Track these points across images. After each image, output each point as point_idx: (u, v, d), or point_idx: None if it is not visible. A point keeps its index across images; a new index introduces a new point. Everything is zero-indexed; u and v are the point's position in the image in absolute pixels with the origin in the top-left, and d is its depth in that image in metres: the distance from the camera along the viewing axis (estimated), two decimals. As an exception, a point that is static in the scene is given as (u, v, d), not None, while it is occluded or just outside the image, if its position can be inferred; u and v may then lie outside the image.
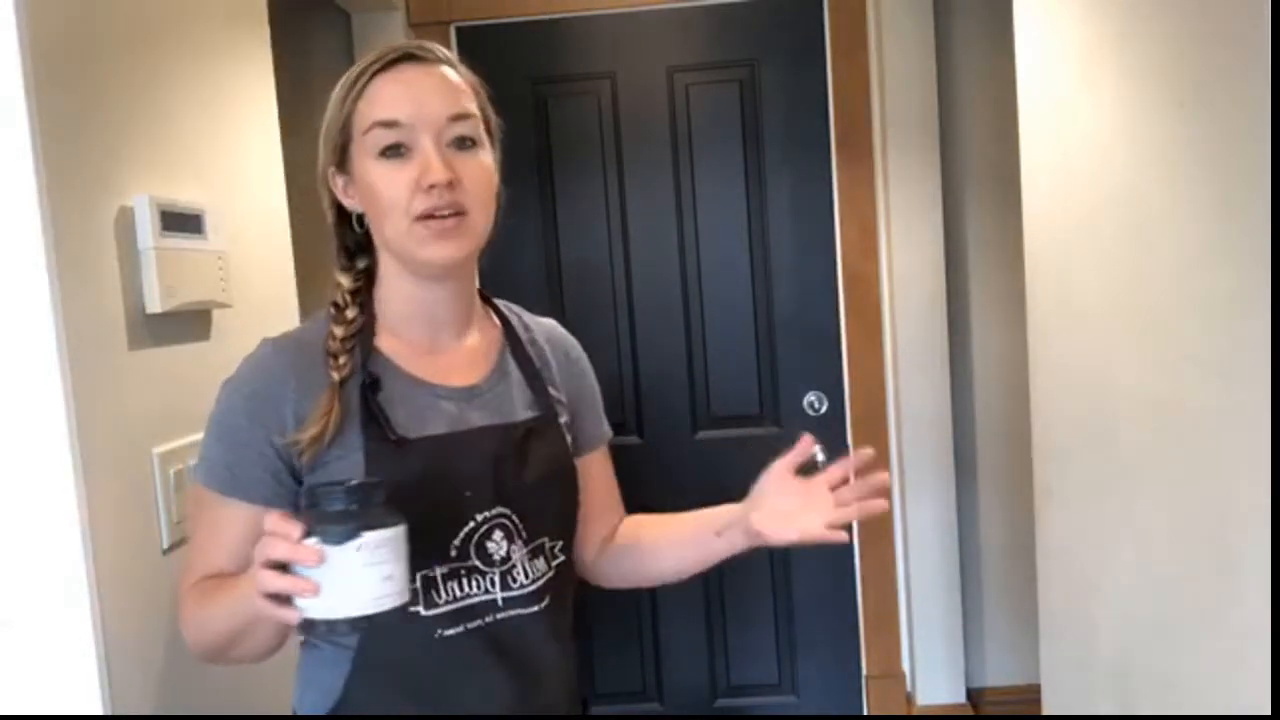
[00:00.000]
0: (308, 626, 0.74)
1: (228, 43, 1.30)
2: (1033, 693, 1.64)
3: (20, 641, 0.94)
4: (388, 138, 0.88)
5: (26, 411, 0.91)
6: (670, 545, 1.09)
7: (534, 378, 1.01)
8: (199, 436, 1.13)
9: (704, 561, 1.07)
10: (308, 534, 0.72)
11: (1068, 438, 1.39)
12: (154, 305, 1.06)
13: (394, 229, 0.89)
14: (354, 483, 0.75)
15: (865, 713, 2.42)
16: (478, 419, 0.95)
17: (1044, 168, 1.40)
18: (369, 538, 0.72)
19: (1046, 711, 1.53)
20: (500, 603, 0.92)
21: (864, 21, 2.25)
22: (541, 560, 0.96)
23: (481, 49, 2.30)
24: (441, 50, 0.94)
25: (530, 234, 2.33)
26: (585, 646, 2.40)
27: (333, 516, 0.72)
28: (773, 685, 2.44)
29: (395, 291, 0.95)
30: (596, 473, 1.10)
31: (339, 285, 0.96)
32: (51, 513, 0.92)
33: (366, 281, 0.96)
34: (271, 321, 1.38)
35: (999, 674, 2.43)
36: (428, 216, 0.88)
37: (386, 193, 0.88)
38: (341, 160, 0.93)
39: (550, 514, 0.98)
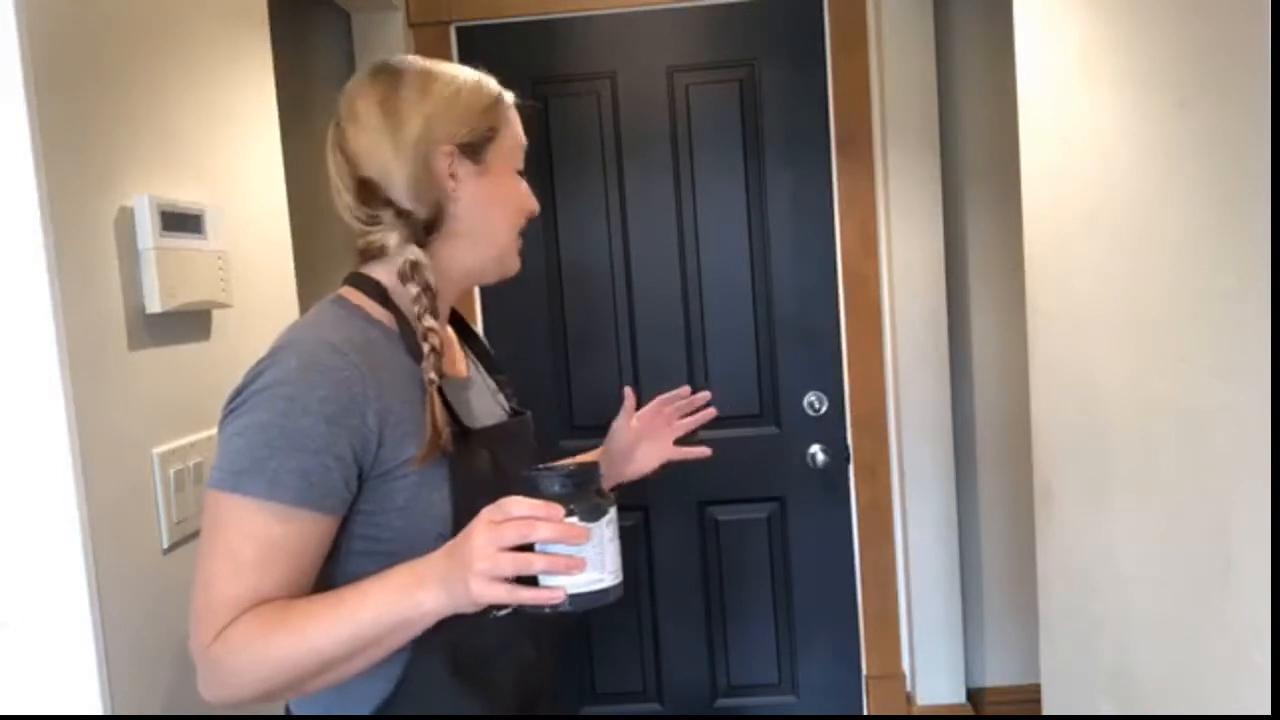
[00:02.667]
0: (556, 609, 0.75)
1: (228, 43, 1.30)
2: (1033, 693, 1.64)
3: (20, 641, 0.94)
4: (521, 162, 1.00)
5: (26, 411, 0.91)
6: None
7: (493, 369, 1.10)
8: (199, 436, 1.14)
9: None
10: (567, 513, 0.75)
11: (1068, 438, 1.39)
12: (154, 305, 1.06)
13: (507, 236, 0.99)
14: (582, 464, 0.80)
15: (865, 713, 2.42)
16: (496, 410, 1.03)
17: (1044, 168, 1.40)
18: (612, 513, 0.78)
19: (1046, 711, 1.53)
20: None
21: (864, 21, 2.25)
22: None
23: (481, 49, 2.30)
24: None
25: (530, 234, 2.32)
26: (585, 646, 2.40)
27: (574, 498, 0.76)
28: (773, 685, 2.44)
29: (447, 286, 0.98)
30: None
31: (418, 264, 0.90)
32: (51, 513, 0.92)
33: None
34: (272, 321, 1.38)
35: (999, 674, 2.43)
36: (517, 234, 1.00)
37: (518, 205, 0.99)
38: (474, 151, 0.95)
39: None
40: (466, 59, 2.32)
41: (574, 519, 0.75)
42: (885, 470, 2.36)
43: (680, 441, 1.20)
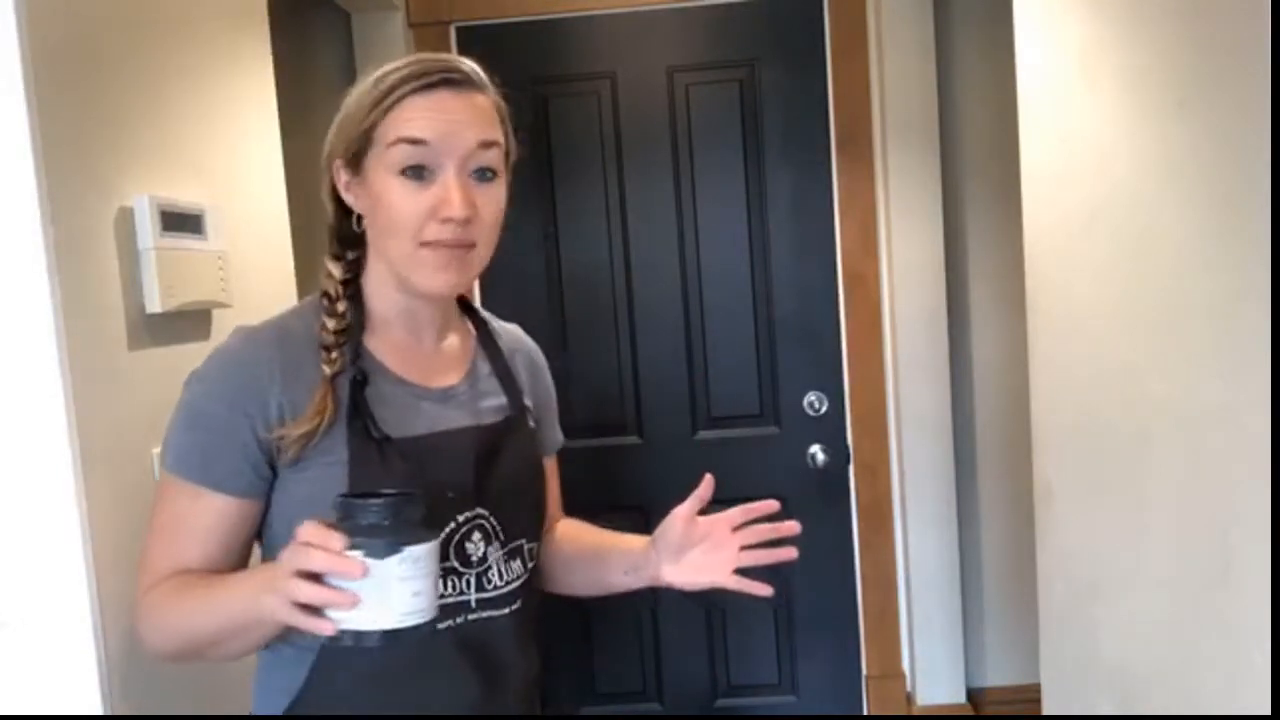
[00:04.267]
0: (335, 637, 0.72)
1: (228, 43, 1.30)
2: (1033, 693, 1.64)
3: (20, 641, 0.94)
4: (412, 157, 0.86)
5: (26, 411, 0.91)
6: (580, 566, 1.09)
7: (506, 379, 1.02)
8: (199, 436, 1.14)
9: (603, 590, 1.07)
10: (349, 546, 0.70)
11: (1068, 438, 1.39)
12: (154, 305, 1.06)
13: (398, 249, 0.88)
14: (394, 495, 0.74)
15: (865, 713, 2.42)
16: (455, 420, 0.94)
17: (1044, 168, 1.40)
18: (410, 552, 0.71)
19: (1046, 711, 1.53)
20: (473, 604, 0.91)
21: (864, 22, 2.25)
22: (518, 562, 0.97)
23: (481, 49, 2.30)
24: (478, 74, 0.93)
25: (530, 234, 2.33)
26: (585, 646, 2.40)
27: (374, 530, 0.71)
28: (773, 685, 2.44)
29: (382, 293, 0.94)
30: (549, 478, 1.11)
31: (330, 275, 0.94)
32: (51, 513, 0.92)
33: (355, 273, 0.95)
34: (271, 321, 1.38)
35: (999, 674, 2.43)
36: (435, 244, 0.87)
37: (400, 212, 0.86)
38: (355, 160, 0.90)
39: (524, 514, 0.98)
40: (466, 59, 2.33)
41: (358, 553, 0.70)
42: (885, 470, 2.36)
43: (742, 571, 1.06)
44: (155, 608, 0.86)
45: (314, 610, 0.72)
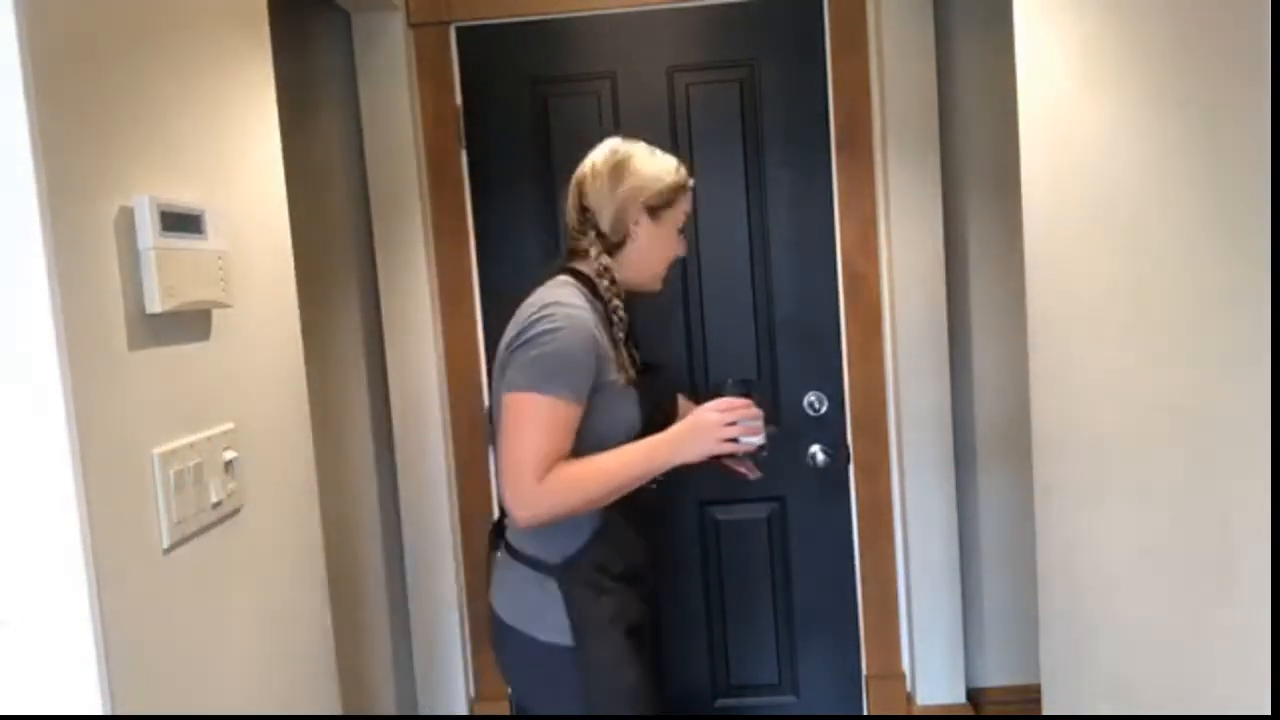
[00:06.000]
0: (754, 453, 1.42)
1: (228, 42, 1.30)
2: (1033, 693, 1.64)
3: (20, 641, 0.94)
4: (681, 224, 1.53)
5: (26, 411, 0.91)
6: None
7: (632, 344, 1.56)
8: (199, 436, 1.14)
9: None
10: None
11: (1068, 438, 1.39)
12: (154, 305, 1.05)
13: (653, 268, 1.53)
14: (745, 380, 1.44)
15: (865, 713, 2.43)
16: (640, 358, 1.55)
17: (1044, 168, 1.40)
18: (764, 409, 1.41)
19: (1046, 711, 1.53)
20: (652, 485, 1.45)
21: (864, 21, 2.25)
22: None
23: (481, 49, 2.30)
24: None
25: (530, 234, 2.33)
26: (585, 646, 2.40)
27: (746, 395, 1.39)
28: (773, 685, 2.44)
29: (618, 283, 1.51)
30: None
31: (608, 266, 1.49)
32: (51, 513, 0.92)
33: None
34: (272, 321, 1.38)
35: (999, 674, 2.43)
36: (666, 272, 1.55)
37: (671, 252, 1.54)
38: (654, 212, 1.49)
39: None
40: (466, 59, 2.33)
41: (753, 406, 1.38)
42: (885, 470, 2.36)
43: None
44: (562, 482, 1.32)
45: (733, 441, 1.37)
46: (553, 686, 1.43)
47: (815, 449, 2.33)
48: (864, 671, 2.42)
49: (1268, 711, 0.93)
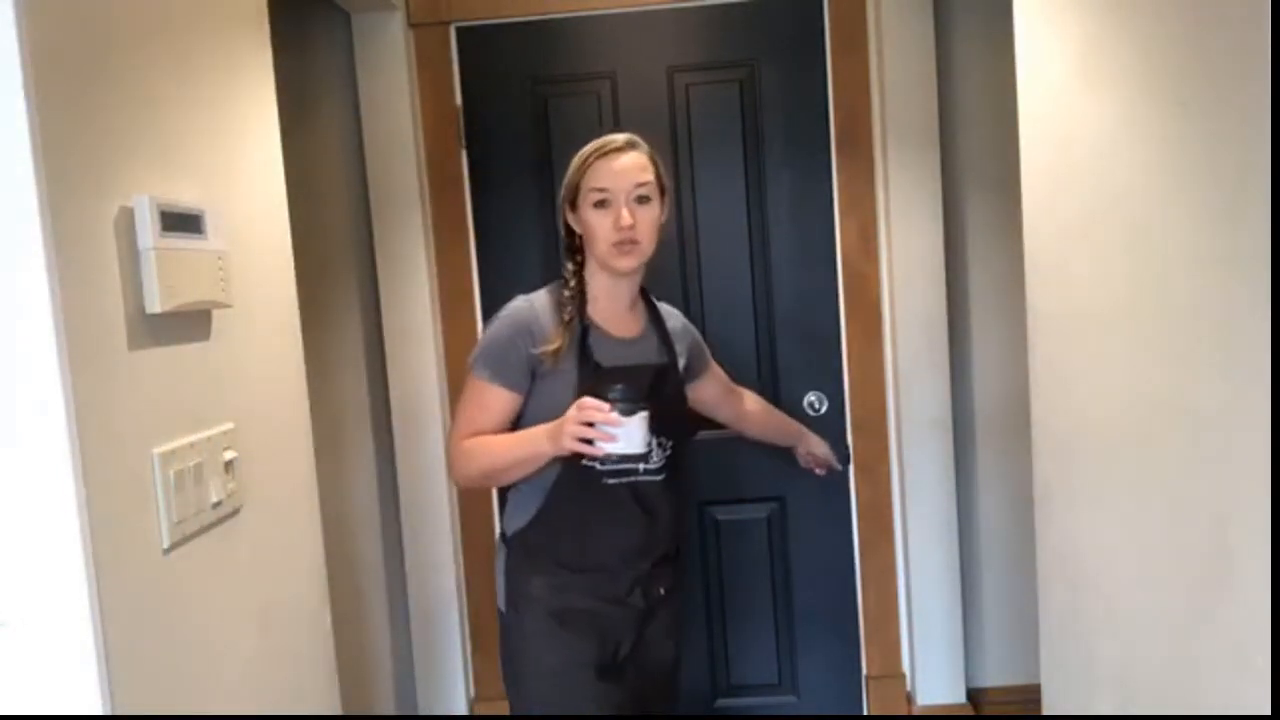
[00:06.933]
0: (602, 457, 1.38)
1: (228, 42, 1.30)
2: (1033, 693, 1.64)
3: (20, 641, 0.94)
4: (599, 198, 1.50)
5: (26, 411, 0.91)
6: (766, 428, 1.95)
7: (664, 339, 1.62)
8: (199, 436, 1.14)
9: (773, 441, 1.98)
10: (611, 409, 1.33)
11: (1068, 438, 1.39)
12: (154, 305, 1.05)
13: (600, 250, 1.51)
14: (631, 386, 1.37)
15: (865, 713, 2.43)
16: (637, 358, 1.55)
17: (1044, 168, 1.40)
18: (641, 413, 1.35)
19: (1046, 711, 1.53)
20: (640, 471, 1.51)
21: (864, 21, 2.25)
22: (661, 450, 1.53)
23: (481, 49, 2.30)
24: (633, 139, 1.54)
25: (530, 233, 2.33)
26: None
27: (623, 400, 1.34)
28: (773, 685, 2.44)
29: (596, 280, 1.56)
30: (709, 381, 1.80)
31: (566, 268, 1.56)
32: (51, 513, 0.92)
33: (580, 269, 1.56)
34: (272, 321, 1.38)
35: (999, 674, 2.43)
36: (618, 243, 1.49)
37: (599, 229, 1.50)
38: (573, 203, 1.54)
39: (670, 423, 1.53)
40: (466, 59, 2.33)
41: (614, 413, 1.33)
42: (885, 470, 2.36)
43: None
44: (467, 452, 1.49)
45: (586, 443, 1.34)
46: (499, 647, 1.59)
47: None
48: (864, 671, 2.42)
49: (1268, 711, 0.93)
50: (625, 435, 1.33)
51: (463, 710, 2.41)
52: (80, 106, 0.97)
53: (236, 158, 1.31)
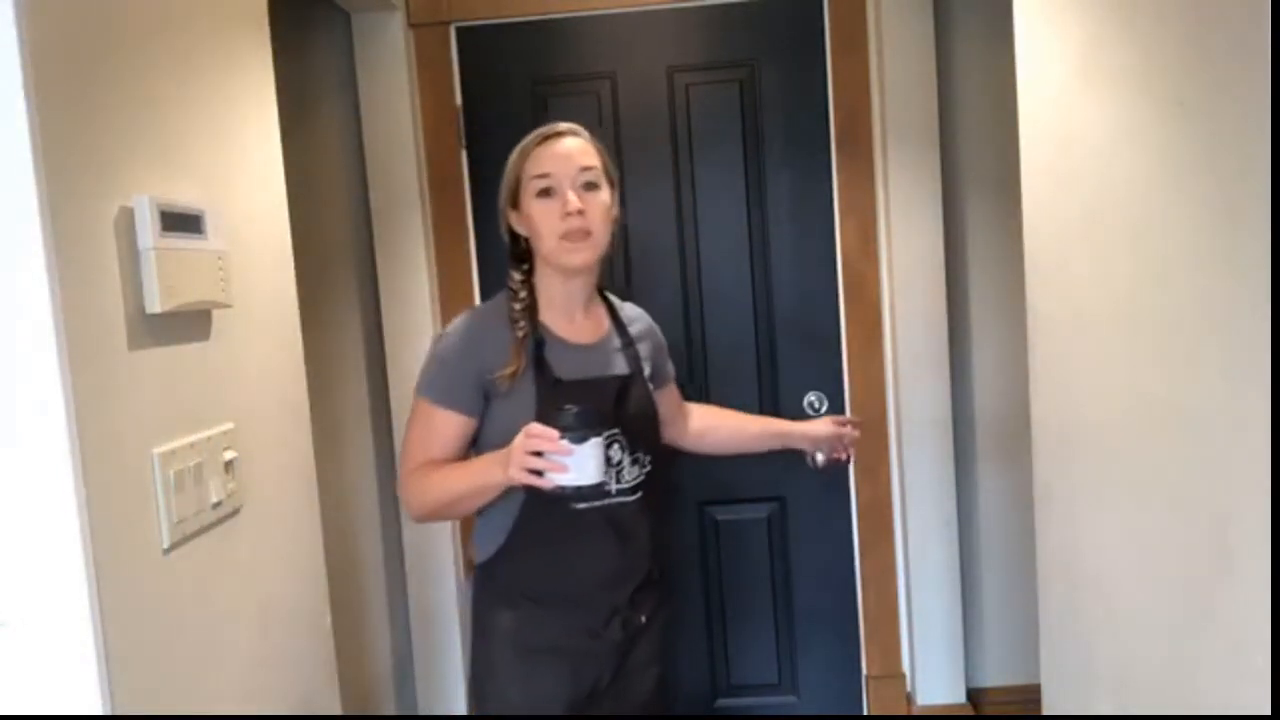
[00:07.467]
0: (550, 491, 1.19)
1: (228, 42, 1.30)
2: (1033, 693, 1.64)
3: (20, 641, 0.94)
4: (542, 184, 1.36)
5: (26, 411, 0.91)
6: (736, 442, 1.73)
7: (628, 345, 1.48)
8: (199, 436, 1.14)
9: (752, 451, 1.74)
10: (561, 436, 1.16)
11: (1068, 438, 1.39)
12: (154, 305, 1.05)
13: (548, 245, 1.37)
14: (583, 409, 1.19)
15: (865, 713, 2.43)
16: (600, 369, 1.42)
17: (1044, 168, 1.40)
18: (593, 440, 1.18)
19: (1046, 711, 1.53)
20: (613, 491, 1.37)
21: (864, 21, 2.25)
22: (638, 466, 1.41)
23: (481, 49, 2.30)
24: (574, 126, 1.42)
25: (530, 234, 2.32)
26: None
27: (573, 428, 1.17)
28: (773, 685, 2.44)
29: (548, 284, 1.42)
30: (668, 395, 1.62)
31: (513, 278, 1.43)
32: (51, 513, 0.92)
33: (529, 276, 1.42)
34: (272, 321, 1.38)
35: (999, 674, 2.43)
36: (567, 235, 1.35)
37: (544, 221, 1.36)
38: (514, 200, 1.40)
39: (643, 437, 1.42)
40: (466, 59, 2.33)
41: (564, 440, 1.16)
42: (885, 470, 2.36)
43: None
44: (419, 483, 1.35)
45: (535, 475, 1.18)
46: (466, 675, 1.51)
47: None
48: (864, 671, 2.42)
49: (1268, 711, 0.93)
50: (576, 465, 1.17)
51: (462, 710, 2.41)
52: (80, 106, 0.97)
53: (236, 157, 1.31)
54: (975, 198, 2.32)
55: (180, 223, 1.10)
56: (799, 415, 2.33)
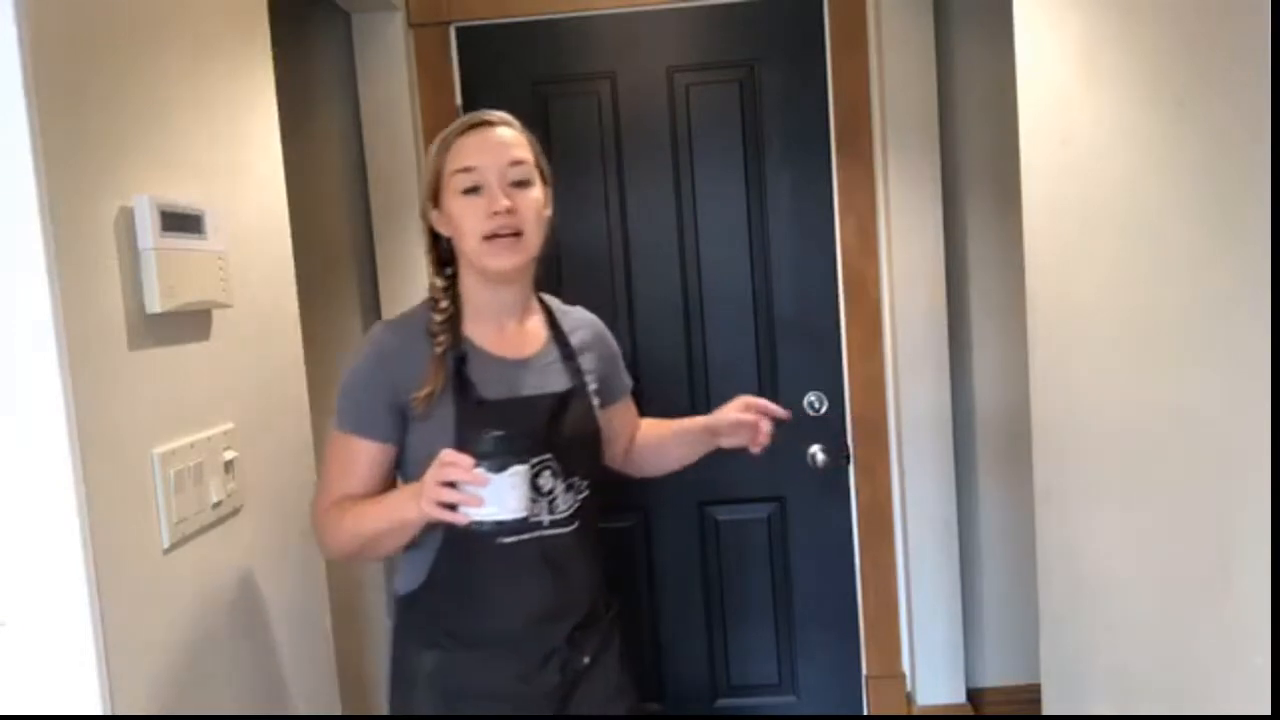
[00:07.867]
0: (466, 527, 1.04)
1: (228, 42, 1.30)
2: (1033, 693, 1.64)
3: (20, 641, 0.94)
4: (467, 180, 1.21)
5: (26, 411, 0.91)
6: (658, 454, 1.51)
7: (569, 357, 1.32)
8: (199, 436, 1.14)
9: (671, 468, 1.52)
10: (475, 465, 1.02)
11: (1068, 438, 1.39)
12: (154, 305, 1.06)
13: (471, 246, 1.22)
14: (504, 434, 1.05)
15: (865, 713, 2.43)
16: (532, 386, 1.26)
17: (1044, 168, 1.40)
18: (514, 469, 1.04)
19: (1046, 711, 1.53)
20: (546, 523, 1.23)
21: (864, 21, 2.25)
22: (573, 493, 1.26)
23: (481, 49, 2.30)
24: (504, 116, 1.27)
25: (530, 234, 2.32)
26: (585, 646, 2.40)
27: (490, 455, 1.03)
28: (773, 685, 2.44)
29: (474, 290, 1.27)
30: (622, 411, 1.47)
31: (434, 285, 1.28)
32: (51, 513, 0.92)
33: (453, 282, 1.28)
34: (272, 321, 1.38)
35: (999, 674, 2.43)
36: (494, 236, 1.20)
37: (467, 219, 1.21)
38: (435, 199, 1.26)
39: (580, 459, 1.27)
40: (467, 59, 2.33)
41: (480, 470, 1.02)
42: (885, 470, 2.36)
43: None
44: (333, 521, 1.20)
45: (450, 509, 1.04)
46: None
47: (815, 449, 2.33)
48: (864, 671, 2.42)
49: (1268, 711, 0.93)
50: (494, 497, 1.02)
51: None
52: (80, 106, 0.97)
53: (237, 158, 1.31)
54: (975, 197, 2.32)
55: (180, 223, 1.10)
56: (799, 415, 2.33)
